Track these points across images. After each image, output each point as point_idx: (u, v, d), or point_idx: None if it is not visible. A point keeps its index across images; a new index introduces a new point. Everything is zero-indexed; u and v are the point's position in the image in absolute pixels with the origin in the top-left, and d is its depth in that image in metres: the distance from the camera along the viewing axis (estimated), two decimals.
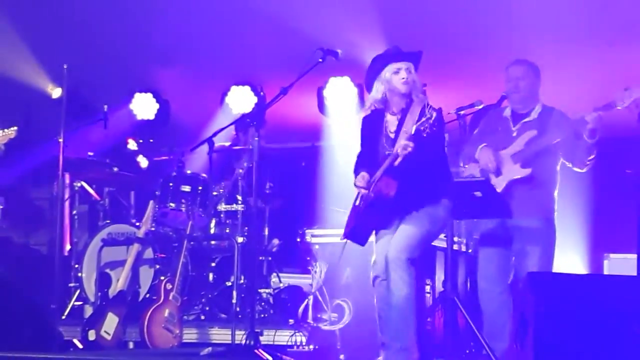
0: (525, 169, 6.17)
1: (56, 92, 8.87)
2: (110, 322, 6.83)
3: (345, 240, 5.72)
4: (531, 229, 6.15)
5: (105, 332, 6.78)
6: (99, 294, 7.10)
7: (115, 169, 8.21)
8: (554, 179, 6.30)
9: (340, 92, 8.58)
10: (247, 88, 8.66)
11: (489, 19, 7.62)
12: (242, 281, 7.16)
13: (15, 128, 6.59)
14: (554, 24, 7.45)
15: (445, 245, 6.06)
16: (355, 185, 5.65)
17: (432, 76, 6.06)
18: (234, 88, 8.72)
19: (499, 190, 6.15)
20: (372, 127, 5.75)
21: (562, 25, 7.45)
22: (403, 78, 5.60)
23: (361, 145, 5.85)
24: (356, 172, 5.71)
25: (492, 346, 5.76)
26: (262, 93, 8.43)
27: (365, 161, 5.72)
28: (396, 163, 5.40)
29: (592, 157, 6.17)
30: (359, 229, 5.67)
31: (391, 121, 5.68)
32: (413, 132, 5.31)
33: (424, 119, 5.30)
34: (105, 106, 7.78)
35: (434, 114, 5.29)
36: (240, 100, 8.72)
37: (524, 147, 6.20)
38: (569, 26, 7.44)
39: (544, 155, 6.21)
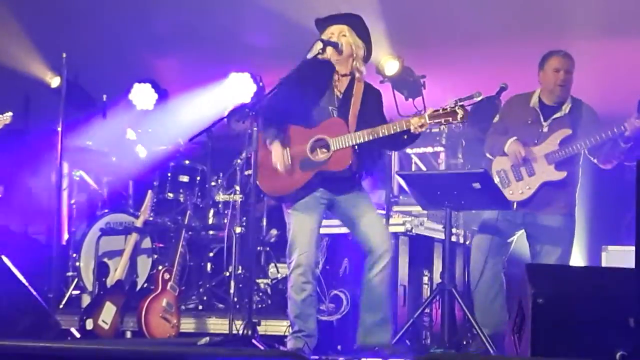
0: (560, 172, 5.98)
1: (55, 81, 8.86)
2: (108, 312, 6.83)
3: None
4: (553, 227, 6.05)
5: (102, 321, 6.78)
6: (97, 283, 7.11)
7: (114, 159, 8.20)
8: (578, 177, 6.14)
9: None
10: (247, 75, 8.58)
11: (487, 9, 7.60)
12: (239, 271, 7.17)
13: (11, 114, 6.55)
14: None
15: (443, 237, 6.04)
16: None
17: (432, 67, 6.05)
18: (232, 75, 8.65)
19: (531, 190, 6.01)
20: (320, 75, 5.45)
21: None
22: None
23: (292, 83, 5.33)
24: (277, 121, 5.33)
25: (487, 333, 5.73)
26: (261, 83, 8.40)
27: (294, 110, 5.34)
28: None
29: (621, 157, 5.95)
30: None
31: (342, 81, 5.49)
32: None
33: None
34: (105, 96, 7.76)
35: None
36: (239, 87, 8.65)
37: (558, 147, 5.99)
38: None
39: (574, 155, 6.03)
